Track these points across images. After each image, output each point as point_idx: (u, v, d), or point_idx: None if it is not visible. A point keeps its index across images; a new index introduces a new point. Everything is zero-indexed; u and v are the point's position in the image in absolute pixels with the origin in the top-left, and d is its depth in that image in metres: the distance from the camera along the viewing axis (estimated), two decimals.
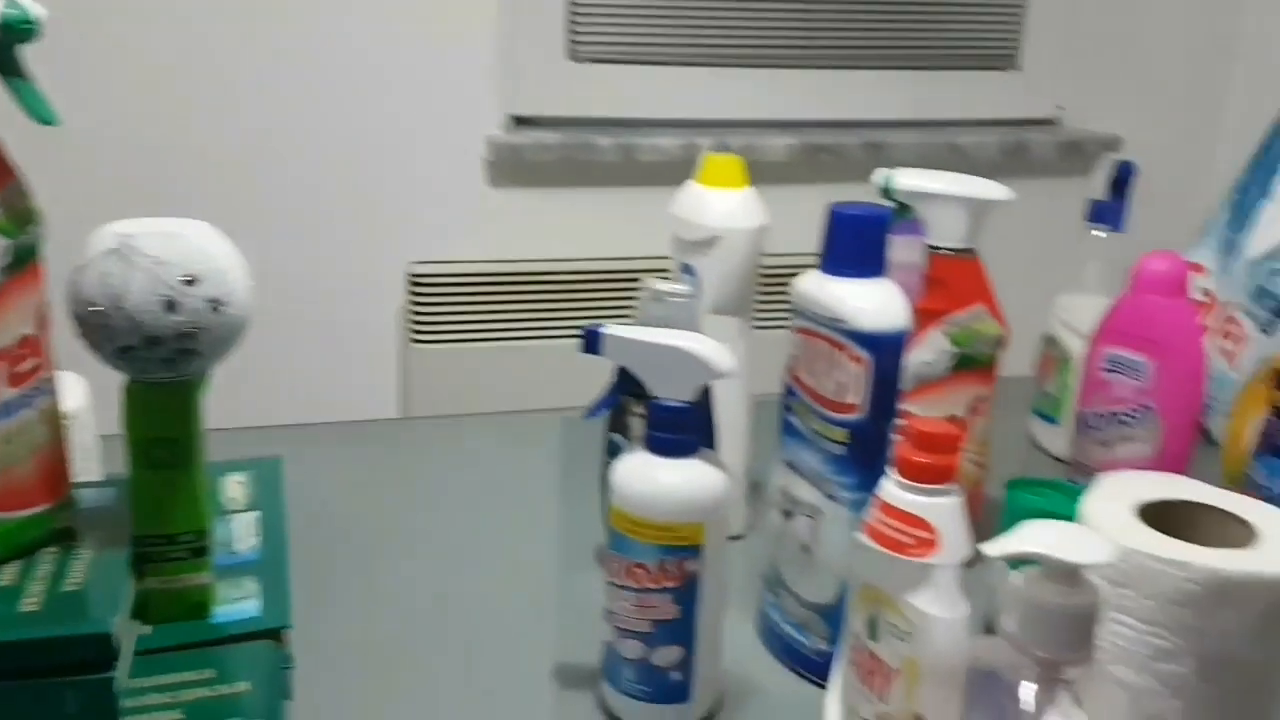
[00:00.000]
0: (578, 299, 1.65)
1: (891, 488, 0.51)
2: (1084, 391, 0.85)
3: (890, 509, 0.50)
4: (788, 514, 0.65)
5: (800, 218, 1.68)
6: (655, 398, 0.57)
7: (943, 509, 0.50)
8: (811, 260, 0.63)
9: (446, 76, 1.58)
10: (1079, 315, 0.95)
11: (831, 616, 0.63)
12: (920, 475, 0.50)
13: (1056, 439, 0.96)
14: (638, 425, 0.70)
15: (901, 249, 0.78)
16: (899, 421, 0.59)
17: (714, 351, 0.57)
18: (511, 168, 1.61)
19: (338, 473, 0.88)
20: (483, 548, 0.79)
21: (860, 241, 0.60)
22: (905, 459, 0.50)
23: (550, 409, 1.03)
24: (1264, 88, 1.76)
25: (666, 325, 0.68)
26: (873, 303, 0.59)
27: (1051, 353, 0.99)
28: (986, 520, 0.70)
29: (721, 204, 0.76)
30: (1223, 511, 0.47)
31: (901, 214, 0.76)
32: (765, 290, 0.91)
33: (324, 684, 0.62)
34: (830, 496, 0.62)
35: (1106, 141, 1.79)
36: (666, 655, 0.58)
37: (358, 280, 1.63)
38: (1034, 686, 0.37)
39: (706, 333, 0.75)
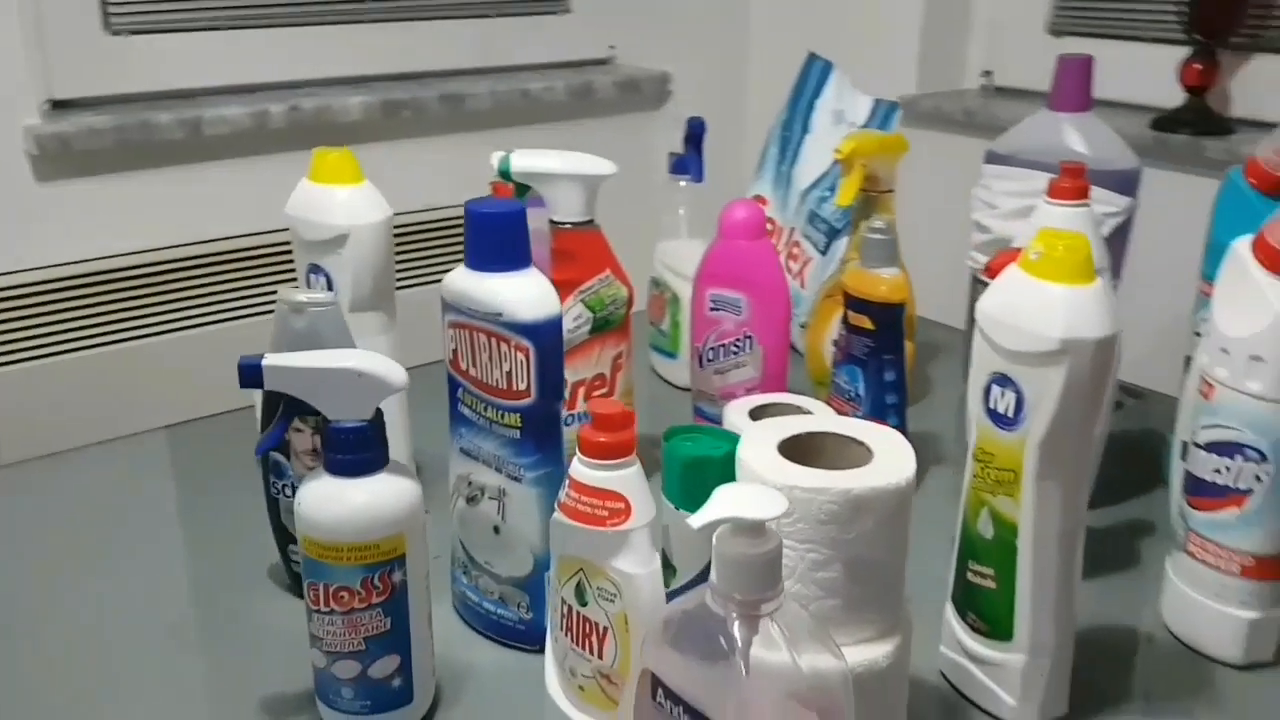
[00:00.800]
0: (162, 294, 1.53)
1: (581, 468, 0.55)
2: (695, 329, 0.95)
3: (583, 487, 0.55)
4: (472, 499, 0.69)
5: (385, 180, 1.67)
6: (330, 420, 0.57)
7: (629, 479, 0.55)
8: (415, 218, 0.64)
9: None
10: (678, 258, 1.05)
11: (530, 587, 0.67)
12: (604, 453, 0.55)
13: (676, 371, 1.06)
14: (300, 441, 0.70)
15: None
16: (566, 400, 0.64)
17: (385, 367, 0.58)
18: (60, 159, 1.44)
19: None
20: (126, 597, 0.74)
21: (502, 237, 0.63)
22: (589, 440, 0.55)
23: (158, 427, 0.97)
24: (782, 24, 1.99)
25: (312, 337, 0.67)
26: (527, 294, 0.63)
27: (659, 294, 1.09)
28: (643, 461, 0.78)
29: (343, 200, 0.75)
30: (844, 437, 0.57)
31: (520, 194, 0.80)
32: None
33: None
34: (514, 478, 0.65)
35: (659, 79, 1.94)
36: (384, 667, 0.59)
37: None
38: (738, 625, 0.44)
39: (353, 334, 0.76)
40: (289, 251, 0.79)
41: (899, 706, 0.57)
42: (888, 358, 0.84)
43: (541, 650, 0.64)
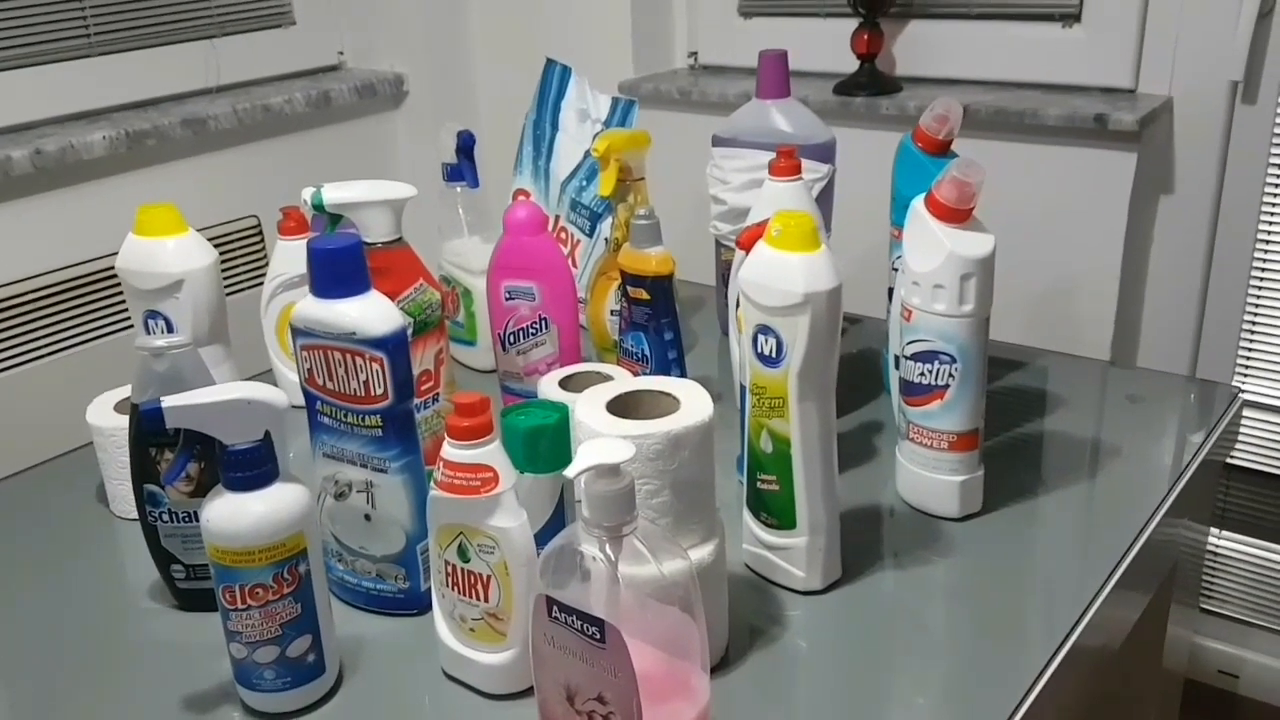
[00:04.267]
0: None
1: (452, 450, 0.68)
2: (494, 318, 1.08)
3: (456, 466, 0.68)
4: (341, 495, 0.79)
5: (131, 212, 1.67)
6: (226, 445, 0.66)
7: (493, 452, 0.68)
8: None
9: None
10: (464, 256, 1.17)
11: (405, 561, 0.79)
12: (471, 435, 0.67)
13: (478, 357, 1.19)
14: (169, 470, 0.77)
15: None
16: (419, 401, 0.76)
17: (269, 394, 0.67)
18: None
19: None
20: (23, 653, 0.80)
21: (346, 267, 0.74)
22: (457, 426, 0.67)
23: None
24: (503, 19, 2.10)
25: (177, 377, 0.75)
26: (374, 314, 0.74)
27: (451, 289, 1.20)
28: None
29: (174, 249, 0.83)
30: (656, 391, 0.72)
31: (333, 224, 0.90)
32: None
33: None
34: (380, 470, 0.77)
35: (393, 80, 2.02)
36: (299, 646, 0.70)
37: None
38: (608, 545, 0.58)
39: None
40: (37, 300, 0.84)
41: (723, 592, 0.74)
42: (664, 320, 1.01)
43: (421, 613, 0.77)
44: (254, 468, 0.66)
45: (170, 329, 0.83)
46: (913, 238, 0.85)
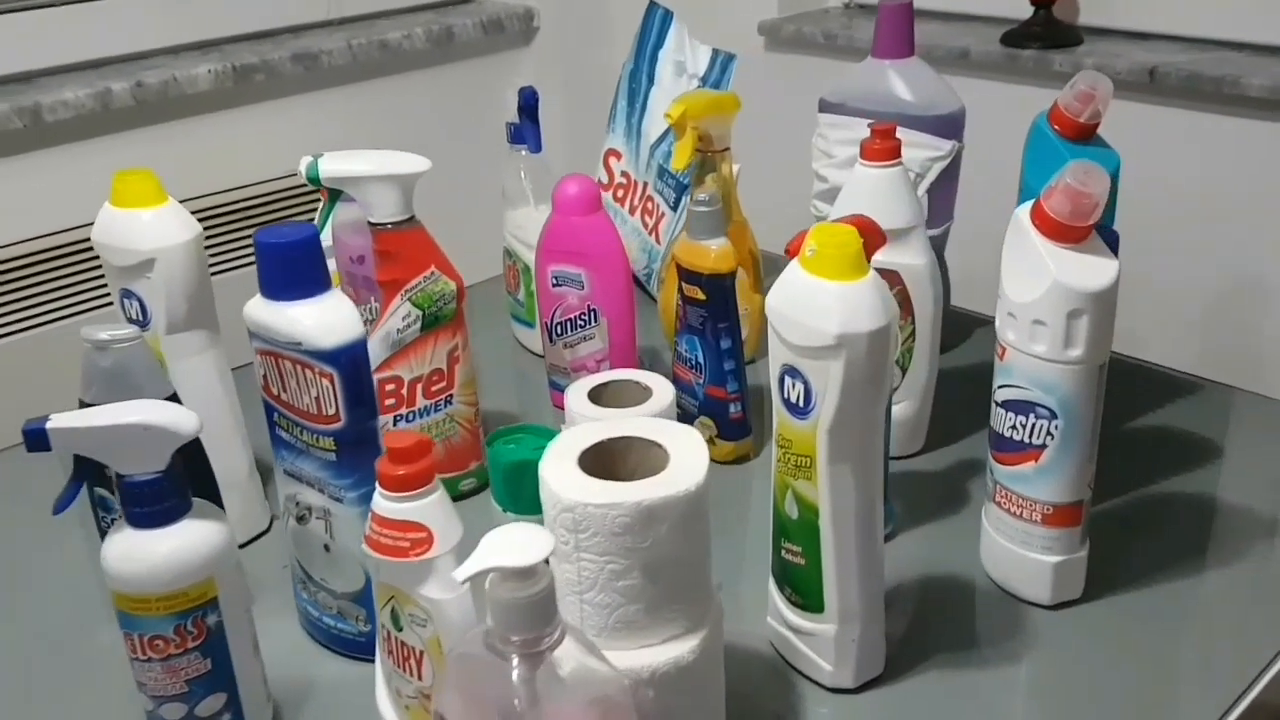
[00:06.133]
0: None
1: (381, 501, 0.56)
2: (541, 305, 0.95)
3: (384, 521, 0.56)
4: (301, 518, 0.69)
5: (241, 149, 1.62)
6: (123, 475, 0.57)
7: (429, 508, 0.56)
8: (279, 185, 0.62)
9: None
10: (525, 229, 1.05)
11: (365, 600, 0.68)
12: (403, 485, 0.56)
13: (537, 340, 1.07)
14: None
15: (344, 229, 0.81)
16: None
17: (174, 416, 0.57)
18: None
19: None
20: None
21: (296, 266, 0.63)
22: (387, 475, 0.55)
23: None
24: None
25: (122, 374, 0.66)
26: (325, 321, 0.62)
27: (512, 264, 1.08)
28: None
29: (148, 223, 0.74)
30: (644, 440, 0.58)
31: (334, 200, 0.79)
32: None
33: None
34: (336, 499, 0.66)
35: (523, 15, 1.90)
36: (211, 705, 0.60)
37: None
38: (519, 664, 0.46)
39: (170, 357, 0.75)
40: None
41: (713, 694, 0.60)
42: (722, 326, 0.86)
43: None
44: (153, 503, 0.56)
45: (144, 311, 0.74)
46: (1013, 256, 0.66)
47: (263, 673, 0.63)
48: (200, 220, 0.76)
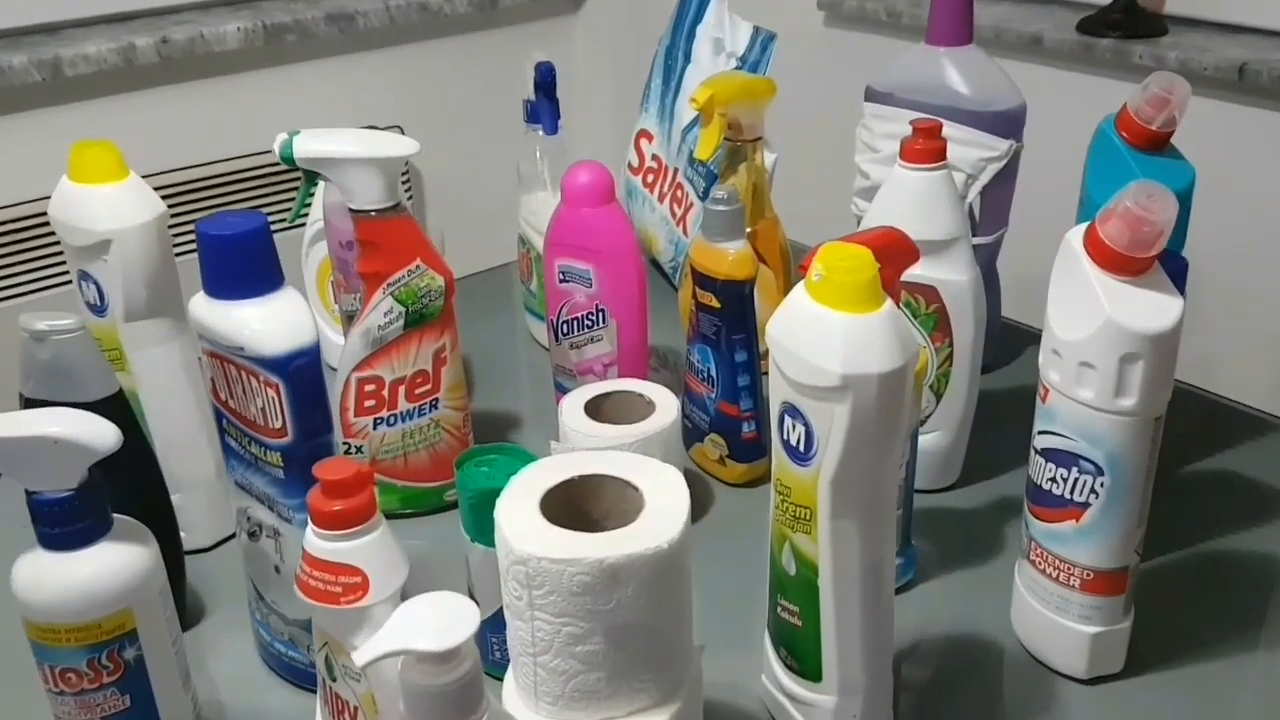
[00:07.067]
0: (22, 253, 1.44)
1: (313, 539, 0.50)
2: (549, 301, 0.88)
3: (316, 561, 0.50)
4: (253, 535, 0.63)
5: (269, 113, 1.56)
6: (31, 492, 0.51)
7: (366, 549, 0.50)
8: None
9: None
10: (540, 215, 0.97)
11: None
12: (336, 522, 0.49)
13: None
14: None
15: (334, 211, 0.75)
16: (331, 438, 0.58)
17: (90, 430, 0.50)
18: None
19: None
20: None
21: (243, 261, 0.56)
22: (318, 510, 0.49)
23: None
24: None
25: (61, 368, 0.61)
26: (270, 325, 0.56)
27: (526, 251, 1.01)
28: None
29: (104, 200, 0.67)
30: (619, 481, 0.51)
31: (310, 182, 0.72)
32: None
33: None
34: (285, 519, 0.60)
35: None
36: None
37: None
38: None
39: (130, 347, 0.69)
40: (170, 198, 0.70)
41: None
42: (737, 337, 0.78)
43: None
44: (63, 524, 0.50)
45: (102, 296, 0.68)
46: (1061, 286, 0.57)
47: (194, 708, 0.57)
48: (219, 186, 0.70)
